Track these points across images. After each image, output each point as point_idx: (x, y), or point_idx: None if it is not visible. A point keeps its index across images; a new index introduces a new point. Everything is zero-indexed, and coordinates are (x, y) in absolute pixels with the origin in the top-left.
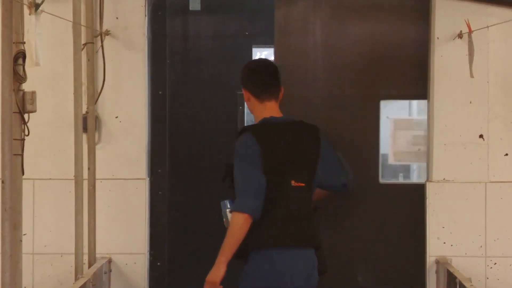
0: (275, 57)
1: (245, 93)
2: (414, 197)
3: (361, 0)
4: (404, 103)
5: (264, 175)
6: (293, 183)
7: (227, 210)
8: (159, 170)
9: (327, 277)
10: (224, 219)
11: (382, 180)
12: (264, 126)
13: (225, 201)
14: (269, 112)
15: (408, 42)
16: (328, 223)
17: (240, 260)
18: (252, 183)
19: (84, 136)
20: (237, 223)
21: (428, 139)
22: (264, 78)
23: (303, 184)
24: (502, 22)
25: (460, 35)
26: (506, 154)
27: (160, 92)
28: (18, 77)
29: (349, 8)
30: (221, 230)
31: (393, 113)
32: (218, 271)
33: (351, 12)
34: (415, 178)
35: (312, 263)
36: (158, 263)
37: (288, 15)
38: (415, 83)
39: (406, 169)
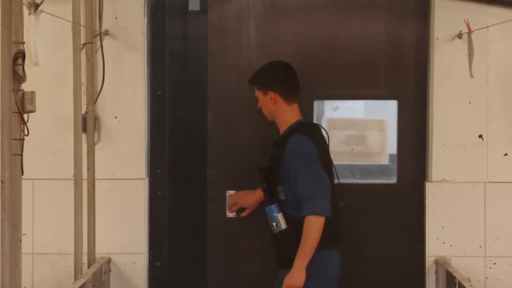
0: (209, 58)
1: (271, 95)
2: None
3: (294, 0)
4: (356, 103)
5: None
6: (334, 182)
7: (277, 214)
8: (159, 170)
9: None
10: (275, 224)
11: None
12: (311, 128)
13: (272, 206)
14: (297, 114)
15: (341, 42)
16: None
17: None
18: (324, 184)
19: (84, 136)
20: (317, 226)
21: (428, 139)
22: (294, 80)
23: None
24: (501, 22)
25: (459, 35)
26: (506, 154)
27: (159, 92)
28: (18, 77)
29: (283, 8)
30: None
31: (343, 113)
32: (301, 276)
33: (285, 13)
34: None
35: None
36: (158, 263)
37: (222, 15)
38: (350, 83)
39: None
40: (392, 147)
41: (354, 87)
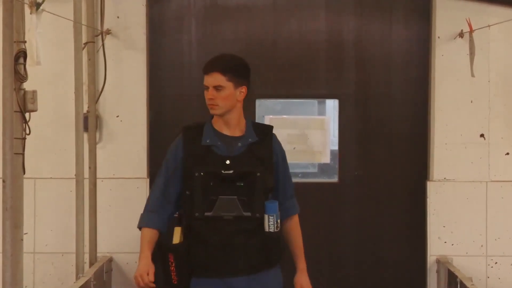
0: (148, 56)
1: (243, 90)
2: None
3: (232, 1)
4: (313, 102)
5: None
6: None
7: (276, 213)
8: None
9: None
10: (272, 222)
11: None
12: None
13: (274, 203)
14: None
15: (282, 41)
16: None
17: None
18: None
19: (85, 135)
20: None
21: (429, 139)
22: None
23: None
24: (503, 22)
25: (461, 35)
26: (507, 154)
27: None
28: (19, 76)
29: (223, 7)
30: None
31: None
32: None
33: (225, 12)
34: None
35: None
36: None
37: (162, 13)
38: (292, 82)
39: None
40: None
41: (296, 86)
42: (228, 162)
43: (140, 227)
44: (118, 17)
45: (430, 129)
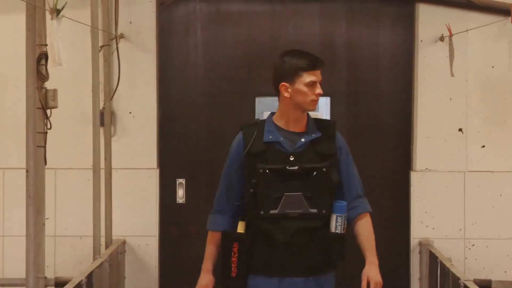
0: (158, 57)
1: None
2: None
3: (233, 8)
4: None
5: None
6: None
7: (344, 214)
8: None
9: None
10: (345, 222)
11: None
12: None
13: (343, 204)
14: None
15: (280, 44)
16: None
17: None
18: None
19: (101, 130)
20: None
21: (412, 132)
22: None
23: None
24: (480, 26)
25: (441, 38)
26: (483, 146)
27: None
28: (41, 76)
29: (226, 13)
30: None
31: None
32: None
33: (227, 17)
34: None
35: None
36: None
37: (170, 19)
38: None
39: None
40: None
41: None
42: (292, 158)
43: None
44: (130, 23)
45: (413, 124)
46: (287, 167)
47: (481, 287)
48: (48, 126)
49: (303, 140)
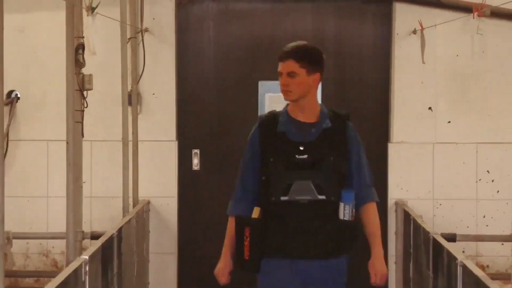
0: (176, 48)
1: (317, 77)
2: None
3: (240, 7)
4: None
5: None
6: None
7: (352, 203)
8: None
9: None
10: (353, 210)
11: None
12: None
13: (351, 193)
14: None
15: (279, 37)
16: None
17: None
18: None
19: (129, 109)
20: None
21: (390, 111)
22: None
23: None
24: (447, 22)
25: (414, 32)
26: (449, 122)
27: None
28: (79, 63)
29: (233, 12)
30: None
31: None
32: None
33: (234, 16)
34: None
35: None
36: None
37: (187, 16)
38: None
39: None
40: None
41: None
42: (302, 148)
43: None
44: (153, 19)
45: (390, 103)
46: (297, 156)
47: (447, 239)
48: (85, 105)
49: (313, 130)
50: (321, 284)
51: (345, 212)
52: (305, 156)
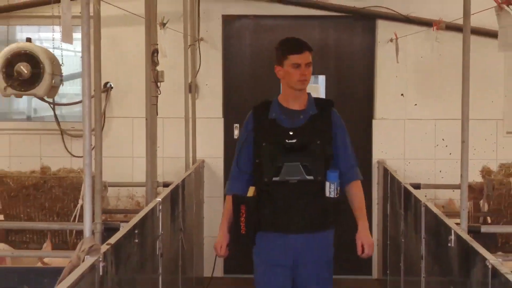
0: (223, 52)
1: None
2: None
3: (268, 22)
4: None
5: None
6: None
7: (337, 181)
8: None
9: None
10: (332, 188)
11: None
12: None
13: (335, 172)
14: None
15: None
16: None
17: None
18: None
19: (189, 95)
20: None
21: (374, 97)
22: None
23: None
24: (413, 33)
25: (391, 40)
26: (415, 104)
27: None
28: (154, 63)
29: (263, 26)
30: None
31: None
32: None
33: (267, 29)
34: None
35: None
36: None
37: (230, 29)
38: None
39: None
40: None
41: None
42: (291, 133)
43: (225, 194)
44: (207, 31)
45: (374, 91)
46: (286, 140)
47: (414, 187)
48: (158, 92)
49: (301, 117)
50: (311, 255)
51: (330, 190)
52: (294, 140)
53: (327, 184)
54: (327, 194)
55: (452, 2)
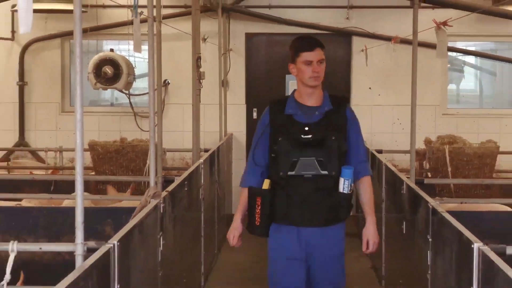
0: (246, 59)
1: None
2: None
3: (277, 38)
4: None
5: None
6: None
7: (351, 178)
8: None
9: None
10: (347, 184)
11: None
12: None
13: (350, 169)
14: None
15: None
16: None
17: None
18: None
19: (222, 89)
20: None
21: (350, 89)
22: None
23: None
24: (378, 46)
25: (362, 50)
26: (379, 95)
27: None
28: (198, 66)
29: (276, 41)
30: None
31: None
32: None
33: (276, 43)
34: None
35: None
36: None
37: (251, 43)
38: None
39: None
40: None
41: None
42: (307, 128)
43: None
44: (234, 44)
45: (351, 85)
46: (302, 136)
47: (378, 152)
48: (201, 86)
49: (317, 113)
50: (323, 248)
51: (344, 186)
52: (310, 136)
53: (342, 180)
54: (341, 190)
55: (405, 23)
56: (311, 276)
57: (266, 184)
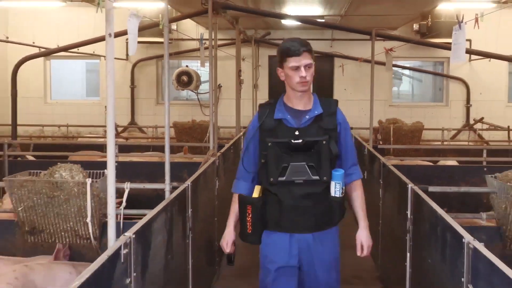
0: (268, 70)
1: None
2: None
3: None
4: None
5: None
6: None
7: (342, 181)
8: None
9: None
10: (338, 188)
11: None
12: None
13: (341, 172)
14: None
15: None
16: None
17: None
18: None
19: (254, 89)
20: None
21: (333, 90)
22: None
23: None
24: (350, 63)
25: (341, 66)
26: (351, 93)
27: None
28: (239, 75)
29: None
30: None
31: None
32: (368, 226)
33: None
34: None
35: None
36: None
37: (271, 61)
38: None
39: None
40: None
41: None
42: (297, 133)
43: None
44: (261, 62)
45: (334, 87)
46: (292, 141)
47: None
48: (241, 88)
49: (307, 116)
50: (317, 254)
51: (336, 189)
52: (300, 140)
53: (333, 183)
54: (333, 194)
55: (366, 49)
56: (305, 283)
57: (256, 192)
